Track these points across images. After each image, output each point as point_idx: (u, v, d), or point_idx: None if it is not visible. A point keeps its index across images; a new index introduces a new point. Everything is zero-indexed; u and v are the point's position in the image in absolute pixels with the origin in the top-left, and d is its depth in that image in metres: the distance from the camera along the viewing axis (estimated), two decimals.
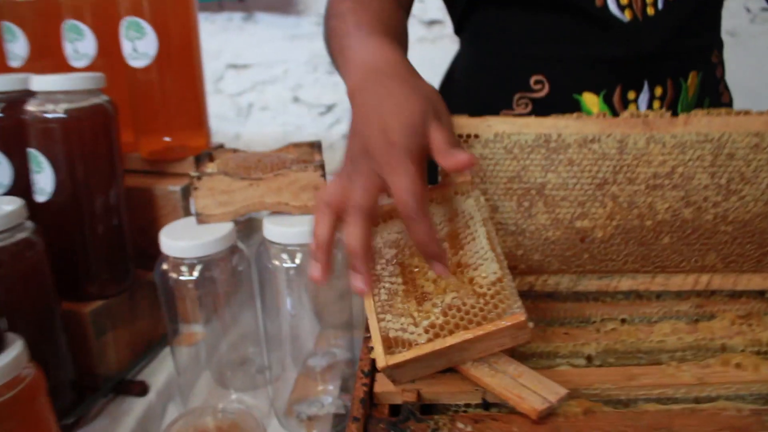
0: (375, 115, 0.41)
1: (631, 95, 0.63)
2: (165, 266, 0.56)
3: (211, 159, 0.62)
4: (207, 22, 1.52)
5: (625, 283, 0.51)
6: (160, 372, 0.65)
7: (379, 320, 0.41)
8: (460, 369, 0.41)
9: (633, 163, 0.48)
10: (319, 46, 0.71)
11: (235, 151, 0.64)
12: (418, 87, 0.44)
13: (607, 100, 0.63)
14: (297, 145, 0.64)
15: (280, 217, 0.57)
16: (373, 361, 0.41)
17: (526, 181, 0.49)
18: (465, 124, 0.48)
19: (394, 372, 0.40)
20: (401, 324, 0.41)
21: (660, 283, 0.51)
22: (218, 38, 1.54)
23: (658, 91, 0.63)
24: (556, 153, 0.48)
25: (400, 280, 0.44)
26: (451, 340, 0.39)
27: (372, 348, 0.40)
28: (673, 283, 0.51)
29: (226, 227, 0.56)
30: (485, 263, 0.42)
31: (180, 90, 0.71)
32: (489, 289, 0.41)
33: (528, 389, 0.38)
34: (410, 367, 0.40)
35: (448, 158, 0.40)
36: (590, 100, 0.63)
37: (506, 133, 0.48)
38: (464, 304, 0.41)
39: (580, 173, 0.48)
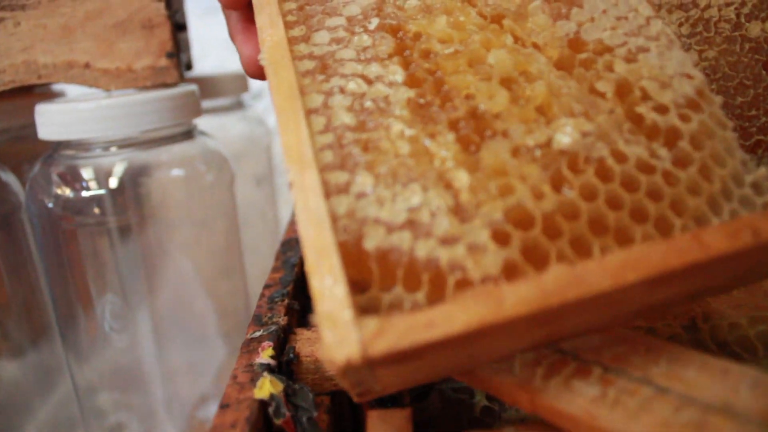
0: None
1: None
2: None
3: None
4: None
5: None
6: None
7: (330, 190, 0.13)
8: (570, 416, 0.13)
9: None
10: None
11: None
12: None
13: None
14: None
15: (72, 96, 0.27)
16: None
17: None
18: None
19: (375, 374, 0.11)
20: (408, 206, 0.12)
21: None
22: None
23: None
24: None
25: (398, 72, 0.15)
26: (598, 280, 0.11)
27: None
28: None
29: None
30: (653, 47, 0.15)
31: None
32: (682, 120, 0.14)
33: None
34: (421, 364, 0.11)
35: None
36: None
37: None
38: (616, 158, 0.13)
39: None
